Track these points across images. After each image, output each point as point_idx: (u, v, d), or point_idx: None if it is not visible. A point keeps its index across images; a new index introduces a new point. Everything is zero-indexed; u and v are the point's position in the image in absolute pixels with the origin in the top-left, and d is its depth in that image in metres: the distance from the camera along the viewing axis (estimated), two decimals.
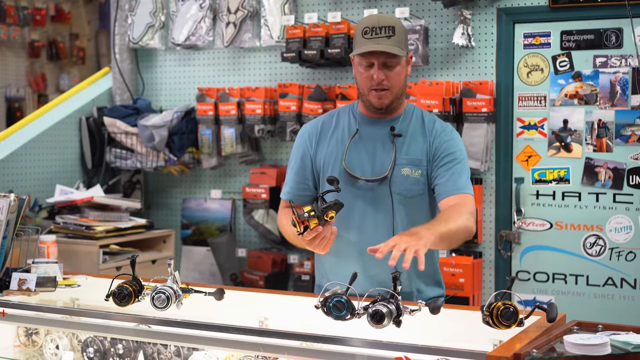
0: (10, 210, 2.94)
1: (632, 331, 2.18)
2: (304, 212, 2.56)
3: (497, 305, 2.20)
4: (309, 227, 2.56)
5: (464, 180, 2.86)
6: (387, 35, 2.79)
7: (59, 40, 8.40)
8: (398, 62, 2.83)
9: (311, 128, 3.03)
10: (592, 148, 4.04)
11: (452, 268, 4.13)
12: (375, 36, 2.80)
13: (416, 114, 2.96)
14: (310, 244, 2.64)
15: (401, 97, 2.91)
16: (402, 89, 2.90)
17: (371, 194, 2.88)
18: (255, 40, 4.76)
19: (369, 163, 2.89)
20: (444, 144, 2.89)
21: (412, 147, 2.89)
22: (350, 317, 2.27)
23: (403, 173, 2.86)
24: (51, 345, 2.92)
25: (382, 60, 2.81)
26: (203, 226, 4.98)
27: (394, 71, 2.83)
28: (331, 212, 2.58)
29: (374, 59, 2.82)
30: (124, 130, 4.87)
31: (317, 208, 2.56)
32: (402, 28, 2.84)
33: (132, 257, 2.64)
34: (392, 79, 2.84)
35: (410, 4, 4.36)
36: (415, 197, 2.88)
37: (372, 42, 2.80)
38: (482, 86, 4.13)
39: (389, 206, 2.86)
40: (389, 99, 2.87)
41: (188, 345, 2.63)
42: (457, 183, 2.83)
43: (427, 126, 2.92)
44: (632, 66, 3.94)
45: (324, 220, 2.56)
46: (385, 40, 2.79)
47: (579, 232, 4.09)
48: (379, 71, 2.82)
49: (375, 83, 2.83)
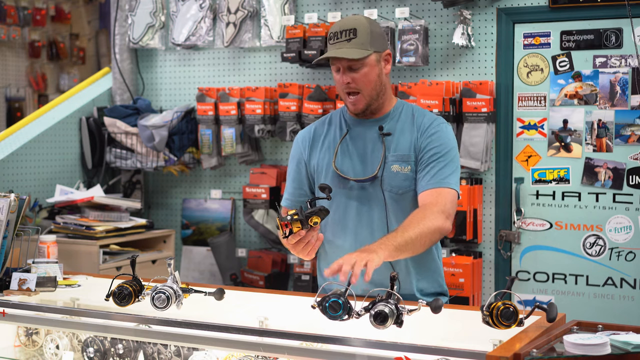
0: (10, 210, 2.95)
1: (632, 331, 2.17)
2: (287, 215, 2.56)
3: (497, 305, 2.20)
4: (293, 231, 2.56)
5: (445, 173, 2.82)
6: (348, 39, 2.80)
7: (59, 40, 8.40)
8: (362, 64, 2.82)
9: (304, 134, 3.05)
10: (592, 148, 4.04)
11: (452, 268, 4.13)
12: (336, 41, 2.82)
13: (406, 111, 2.95)
14: (294, 249, 2.66)
15: (379, 98, 2.89)
16: (377, 90, 2.87)
17: (364, 193, 2.89)
18: (255, 40, 4.76)
19: (360, 163, 2.90)
20: (429, 137, 2.87)
21: (400, 143, 2.89)
22: (348, 317, 2.27)
23: (393, 170, 2.86)
24: (51, 345, 2.92)
25: (345, 64, 2.82)
26: (203, 226, 4.99)
27: (360, 73, 2.82)
28: (315, 217, 2.57)
29: (338, 63, 2.83)
30: (124, 130, 4.87)
31: (302, 212, 2.56)
32: (366, 28, 2.82)
33: (132, 257, 2.64)
34: (359, 82, 2.83)
35: (410, 4, 4.36)
36: (407, 192, 2.88)
37: (334, 47, 2.82)
38: (482, 86, 4.13)
39: (382, 204, 2.87)
40: (363, 103, 2.86)
41: (188, 345, 2.63)
42: (435, 177, 2.81)
43: (415, 121, 2.91)
44: (632, 66, 3.94)
45: (307, 225, 2.56)
46: (345, 44, 2.79)
47: (578, 232, 4.09)
48: (343, 75, 2.83)
49: (344, 86, 2.85)
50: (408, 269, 2.90)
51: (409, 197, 2.89)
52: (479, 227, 4.21)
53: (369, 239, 2.84)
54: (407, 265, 2.89)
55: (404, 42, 4.23)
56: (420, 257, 2.90)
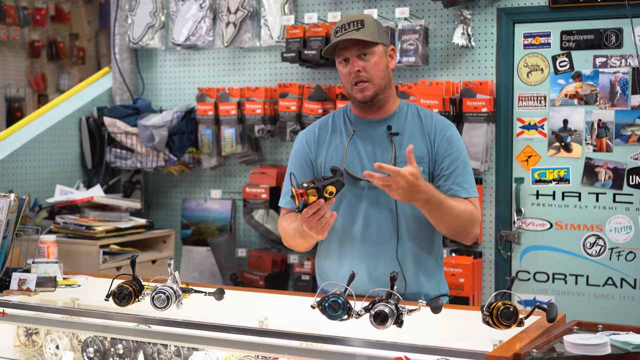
0: (10, 210, 2.95)
1: (632, 331, 2.17)
2: (302, 183, 2.49)
3: (497, 305, 2.20)
4: (308, 202, 2.47)
5: (468, 181, 2.89)
6: (356, 28, 2.82)
7: (59, 40, 8.40)
8: (372, 51, 2.84)
9: (308, 133, 3.03)
10: (592, 148, 4.04)
11: (452, 268, 4.13)
12: (344, 32, 2.83)
13: (411, 111, 2.96)
14: (308, 222, 2.57)
15: (386, 91, 2.90)
16: (386, 81, 2.88)
17: (373, 193, 2.87)
18: (255, 40, 4.76)
19: (369, 164, 2.88)
20: (446, 141, 2.89)
21: (411, 143, 2.88)
22: (347, 317, 2.26)
23: None
24: (51, 345, 2.92)
25: (354, 52, 2.83)
26: (203, 226, 4.98)
27: (371, 61, 2.83)
28: (331, 187, 2.49)
29: (347, 52, 2.84)
30: (124, 130, 4.87)
31: (318, 181, 2.48)
32: (372, 22, 2.86)
33: (132, 257, 2.64)
34: (369, 69, 2.84)
35: (410, 4, 4.36)
36: None
37: (341, 37, 2.84)
38: (482, 86, 4.13)
39: (392, 205, 2.85)
40: (371, 91, 2.85)
41: (188, 345, 2.63)
42: (461, 187, 2.87)
43: (424, 122, 2.92)
44: (632, 66, 3.94)
45: (323, 195, 2.47)
46: (354, 32, 2.82)
47: (579, 232, 4.09)
48: (354, 63, 2.83)
49: (354, 75, 2.84)
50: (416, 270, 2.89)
51: None
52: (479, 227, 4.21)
53: (378, 239, 2.84)
54: (415, 266, 2.88)
55: (404, 42, 4.23)
56: (427, 258, 2.90)
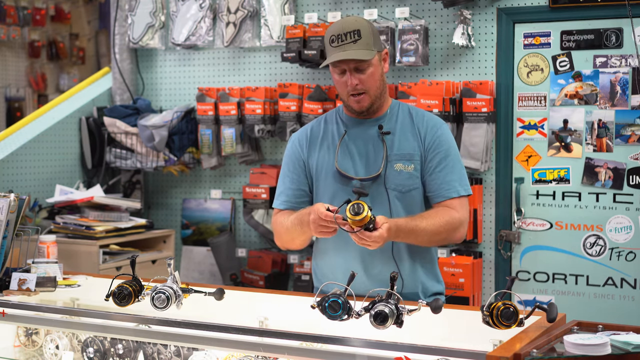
0: (10, 210, 2.95)
1: (632, 331, 2.18)
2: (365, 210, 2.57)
3: (497, 305, 2.20)
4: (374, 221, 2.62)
5: (456, 180, 2.90)
6: (353, 40, 2.81)
7: (59, 40, 8.39)
8: (369, 64, 2.84)
9: (300, 135, 3.06)
10: (592, 148, 4.04)
11: (452, 268, 4.13)
12: (341, 43, 2.82)
13: (402, 110, 2.98)
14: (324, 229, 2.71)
15: (381, 97, 2.93)
16: (380, 89, 2.91)
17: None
18: (255, 40, 4.76)
19: (362, 163, 2.91)
20: (436, 139, 2.91)
21: (402, 143, 2.91)
22: (347, 317, 2.26)
23: (396, 169, 2.88)
24: (51, 345, 2.92)
25: (352, 66, 2.83)
26: (203, 226, 4.98)
27: (367, 74, 2.84)
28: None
29: (344, 65, 2.84)
30: (124, 130, 4.87)
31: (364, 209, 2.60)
32: (368, 28, 2.84)
33: (132, 257, 2.64)
34: (366, 82, 2.85)
35: (410, 4, 4.36)
36: (411, 191, 2.89)
37: (339, 50, 2.82)
38: (482, 86, 4.13)
39: (386, 203, 2.87)
40: (368, 102, 2.88)
41: (188, 345, 2.63)
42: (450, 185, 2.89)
43: (415, 121, 2.94)
44: (632, 66, 3.94)
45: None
46: (352, 45, 2.80)
47: (579, 232, 4.09)
48: (351, 77, 2.84)
49: (351, 88, 2.85)
50: (413, 266, 2.90)
51: (411, 196, 2.89)
52: (479, 227, 4.21)
53: None
54: (411, 262, 2.90)
55: (404, 42, 4.23)
56: (425, 255, 2.92)
